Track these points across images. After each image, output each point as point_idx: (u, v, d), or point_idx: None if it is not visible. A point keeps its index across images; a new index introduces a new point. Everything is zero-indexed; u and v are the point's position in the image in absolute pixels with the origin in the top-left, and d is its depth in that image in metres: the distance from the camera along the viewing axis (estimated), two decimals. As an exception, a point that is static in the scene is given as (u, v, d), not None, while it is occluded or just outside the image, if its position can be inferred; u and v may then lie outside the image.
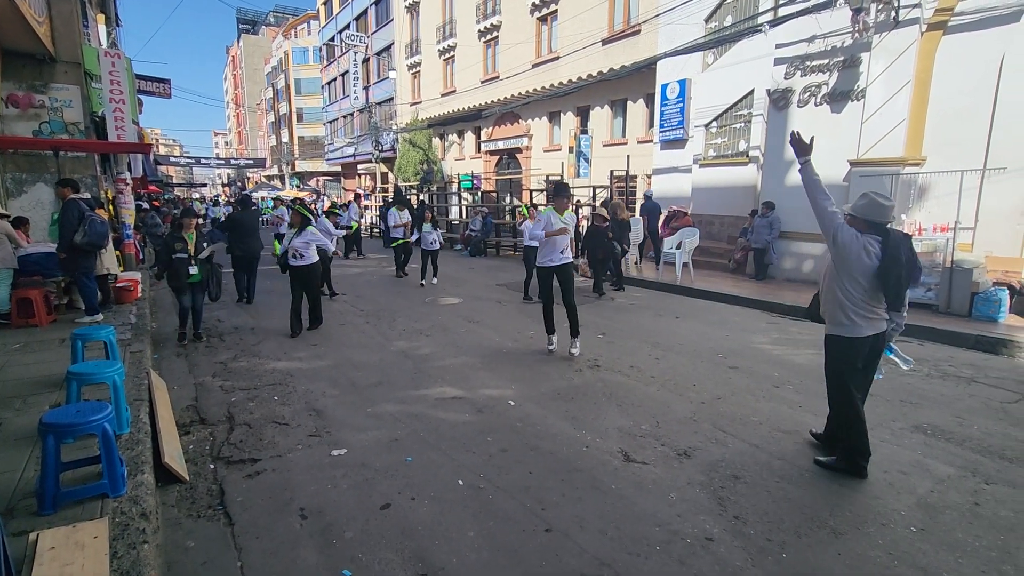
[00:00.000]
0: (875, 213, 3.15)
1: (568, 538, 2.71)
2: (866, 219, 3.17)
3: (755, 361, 5.66)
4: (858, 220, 3.20)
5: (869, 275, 3.10)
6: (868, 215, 3.16)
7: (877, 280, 3.10)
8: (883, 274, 3.07)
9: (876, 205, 3.16)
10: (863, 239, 3.13)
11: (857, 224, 3.20)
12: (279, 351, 5.96)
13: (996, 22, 7.52)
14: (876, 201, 3.17)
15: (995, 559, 2.58)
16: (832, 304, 3.27)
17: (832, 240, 3.18)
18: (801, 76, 9.78)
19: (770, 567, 2.50)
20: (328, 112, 38.86)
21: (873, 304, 3.18)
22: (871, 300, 3.17)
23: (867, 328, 3.20)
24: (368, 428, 4.00)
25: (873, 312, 3.19)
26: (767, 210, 10.04)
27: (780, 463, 3.49)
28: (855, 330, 3.20)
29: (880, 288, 3.12)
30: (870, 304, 3.17)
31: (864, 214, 3.17)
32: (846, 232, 3.15)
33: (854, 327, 3.20)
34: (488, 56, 21.36)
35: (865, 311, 3.17)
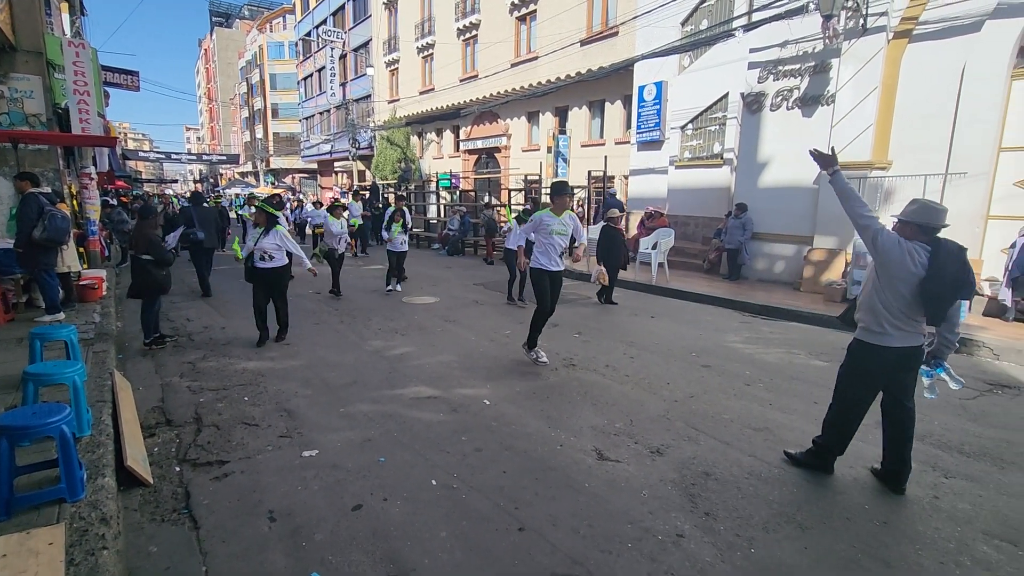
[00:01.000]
0: (927, 216, 2.96)
1: (541, 537, 2.71)
2: (918, 223, 2.97)
3: (727, 360, 5.75)
4: (909, 225, 3.00)
5: (912, 284, 2.91)
6: (919, 219, 2.97)
7: (919, 291, 2.90)
8: (925, 285, 2.87)
9: (927, 208, 2.99)
10: (907, 245, 2.94)
11: (907, 230, 3.01)
12: (250, 350, 5.84)
13: (958, 31, 7.79)
14: (927, 205, 3.01)
15: (952, 550, 2.67)
16: (867, 310, 3.11)
17: (872, 244, 3.03)
18: (774, 80, 9.97)
19: (738, 562, 2.54)
20: (304, 108, 38.26)
21: (911, 315, 2.98)
22: (910, 311, 2.97)
23: (898, 339, 3.01)
24: (341, 428, 3.95)
25: (910, 324, 3.00)
26: (740, 212, 10.22)
27: (750, 460, 3.55)
28: (884, 339, 3.03)
29: (920, 300, 2.92)
30: (908, 315, 2.98)
31: (915, 218, 2.98)
32: (886, 236, 2.99)
33: (883, 336, 3.03)
34: (467, 55, 21.29)
35: (901, 321, 2.99)
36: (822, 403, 4.53)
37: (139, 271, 5.72)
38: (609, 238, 8.59)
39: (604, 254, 8.59)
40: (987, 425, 4.19)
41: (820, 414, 4.31)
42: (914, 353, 3.06)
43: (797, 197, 9.72)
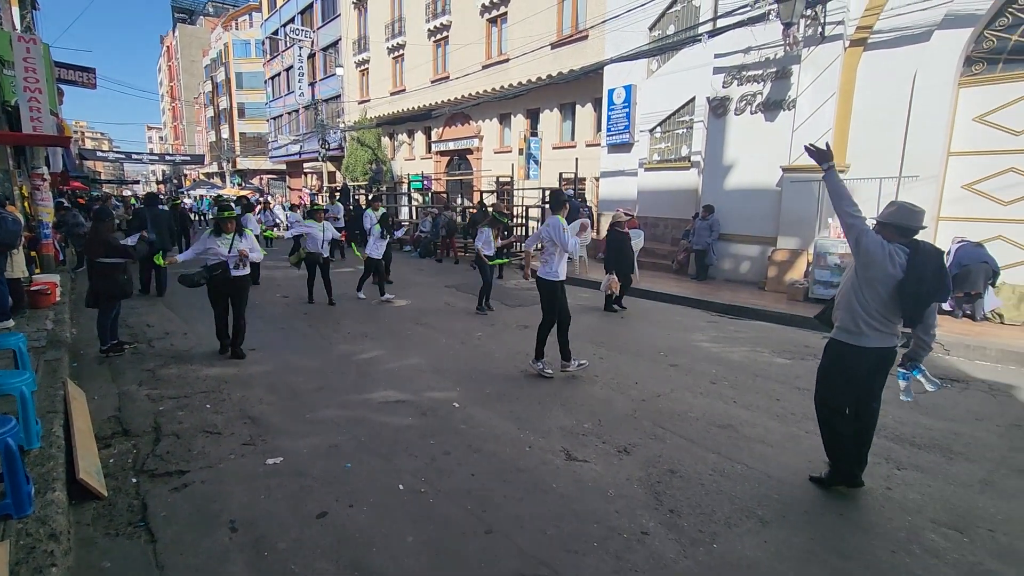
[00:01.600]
0: (905, 218, 2.98)
1: (508, 539, 2.71)
2: (896, 224, 2.99)
3: (694, 359, 5.86)
4: (888, 227, 3.02)
5: (890, 285, 2.93)
6: (898, 220, 2.99)
7: (897, 292, 2.92)
8: (902, 287, 2.89)
9: (906, 210, 3.00)
10: (889, 247, 2.95)
11: (887, 232, 3.02)
12: (213, 356, 5.68)
13: (909, 41, 8.12)
14: (905, 207, 3.03)
15: (903, 539, 2.78)
16: (846, 309, 3.11)
17: (856, 244, 3.02)
18: (738, 85, 10.22)
19: (701, 558, 2.59)
20: (272, 108, 37.51)
21: (888, 316, 3.00)
22: (887, 312, 2.99)
23: (874, 339, 3.02)
24: (306, 435, 3.88)
25: (887, 325, 3.01)
26: (707, 213, 10.43)
27: (714, 457, 3.62)
28: (861, 339, 3.04)
29: (898, 301, 2.94)
30: (885, 316, 3.00)
31: (894, 220, 3.00)
32: (871, 237, 2.98)
33: (860, 336, 3.03)
34: (438, 56, 21.20)
35: (878, 322, 3.00)
36: (784, 400, 4.69)
37: (96, 276, 5.51)
38: (618, 243, 8.06)
39: (613, 261, 8.07)
40: (937, 418, 4.37)
41: (782, 410, 4.46)
42: (889, 355, 3.08)
43: (761, 199, 9.97)
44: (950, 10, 7.66)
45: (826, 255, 8.33)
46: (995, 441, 3.96)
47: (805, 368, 5.60)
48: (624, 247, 8.10)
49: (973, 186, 8.07)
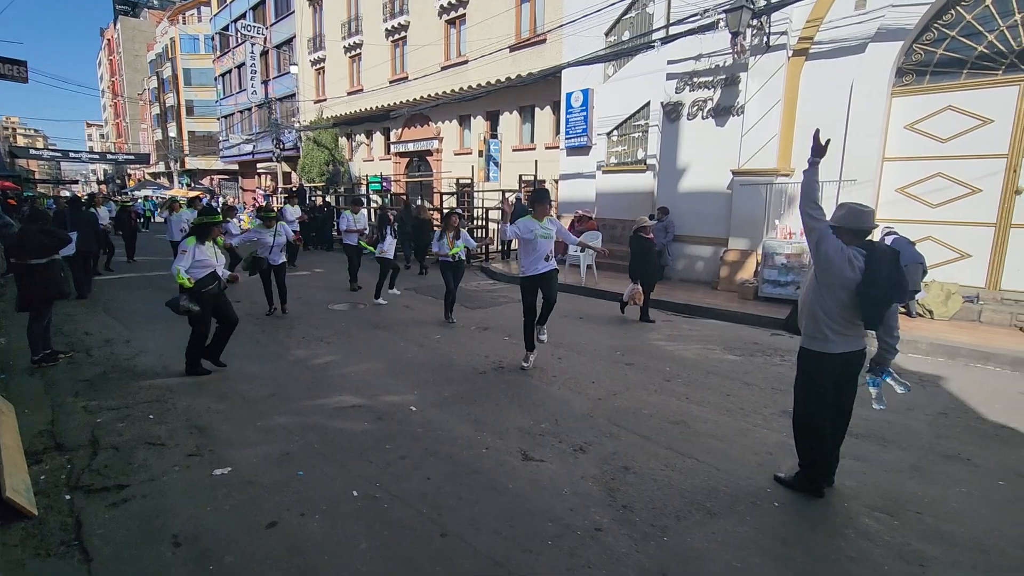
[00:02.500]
0: (855, 220, 2.99)
1: (463, 541, 2.71)
2: (848, 228, 2.99)
3: (649, 357, 6.00)
4: (842, 231, 3.01)
5: (851, 289, 2.92)
6: (849, 223, 3.00)
7: (856, 295, 2.93)
8: (861, 290, 2.90)
9: (854, 212, 3.01)
10: (848, 251, 2.94)
11: (842, 236, 3.01)
12: (157, 365, 5.44)
13: (846, 52, 8.57)
14: (854, 208, 3.04)
15: (840, 524, 2.93)
16: (809, 316, 3.10)
17: (815, 248, 3.01)
18: (690, 91, 10.53)
19: (652, 551, 2.66)
20: (223, 106, 36.21)
21: (852, 320, 3.00)
22: (850, 316, 2.99)
23: (841, 344, 3.02)
24: (257, 443, 3.77)
25: (851, 328, 3.02)
26: (662, 215, 10.70)
27: (667, 452, 3.72)
28: (828, 345, 3.02)
29: (858, 304, 2.94)
30: (849, 320, 2.99)
31: (845, 223, 3.01)
32: (831, 242, 2.97)
33: (827, 342, 3.02)
34: (396, 56, 20.97)
35: (842, 327, 3.00)
36: (734, 395, 4.86)
37: (25, 279, 5.20)
38: (642, 250, 7.62)
39: (638, 268, 7.67)
40: (874, 409, 4.61)
41: (731, 405, 4.62)
42: (857, 358, 3.09)
43: (713, 201, 10.30)
44: (882, 24, 8.13)
45: (773, 255, 8.68)
46: (924, 429, 4.22)
47: (754, 364, 5.82)
48: (649, 255, 7.67)
49: (905, 190, 8.58)
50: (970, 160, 7.94)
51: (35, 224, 5.38)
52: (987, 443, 4.00)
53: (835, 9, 8.60)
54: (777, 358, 6.07)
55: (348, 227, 10.13)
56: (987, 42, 7.67)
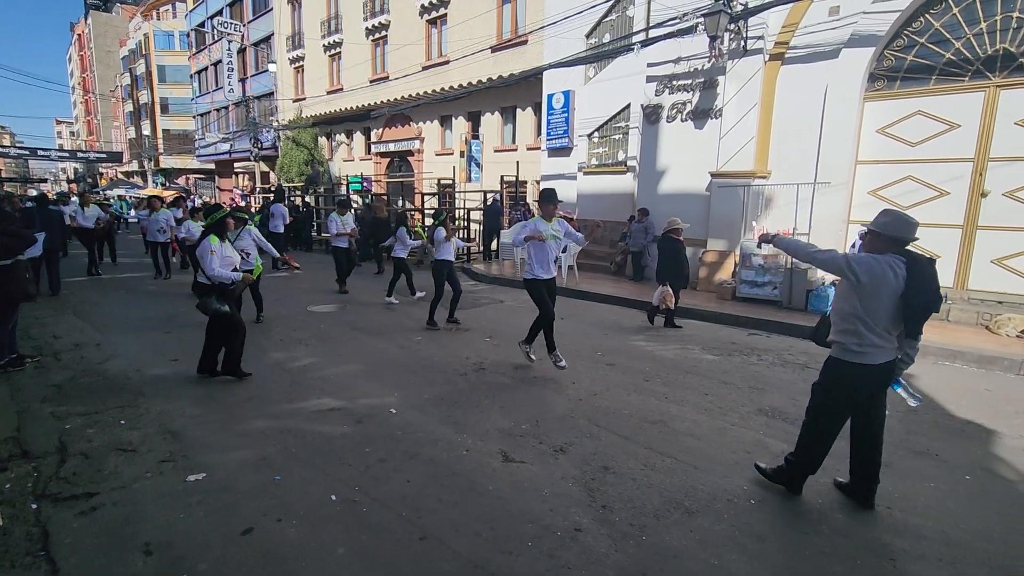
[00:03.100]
0: (899, 229, 2.86)
1: (443, 544, 2.70)
2: (891, 236, 2.87)
3: (629, 357, 6.05)
4: (882, 238, 2.91)
5: (894, 298, 2.81)
6: (893, 231, 2.87)
7: (901, 303, 2.82)
8: (909, 299, 2.80)
9: (900, 221, 2.88)
10: (885, 259, 2.83)
11: (879, 242, 2.92)
12: (130, 369, 5.31)
13: (821, 57, 8.75)
14: (900, 217, 2.90)
15: (815, 520, 2.98)
16: (848, 330, 2.95)
17: (847, 270, 2.88)
18: (669, 94, 10.66)
19: (631, 550, 2.68)
20: (199, 104, 35.55)
21: (892, 330, 2.90)
22: (891, 326, 2.88)
23: (882, 355, 2.90)
24: (233, 448, 3.70)
25: (889, 340, 2.91)
26: (642, 216, 10.81)
27: (646, 452, 3.75)
28: (866, 357, 2.89)
29: (902, 313, 2.84)
30: (889, 331, 2.89)
31: (888, 230, 2.88)
32: (859, 259, 2.86)
33: (865, 355, 2.89)
34: (377, 55, 20.82)
35: (882, 338, 2.88)
36: (712, 394, 4.92)
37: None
38: (673, 252, 7.30)
39: (668, 271, 7.33)
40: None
41: (710, 405, 4.67)
42: (891, 367, 2.99)
43: (692, 202, 10.43)
44: (855, 30, 8.33)
45: (751, 256, 8.82)
46: (895, 426, 4.32)
47: (732, 364, 5.91)
48: (680, 257, 7.37)
49: (877, 192, 8.80)
50: (938, 163, 8.18)
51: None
52: (954, 439, 4.12)
53: (810, 15, 8.78)
54: (754, 357, 6.17)
55: (337, 230, 9.81)
56: (954, 49, 7.91)
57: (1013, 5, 7.40)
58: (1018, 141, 7.56)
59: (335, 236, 9.84)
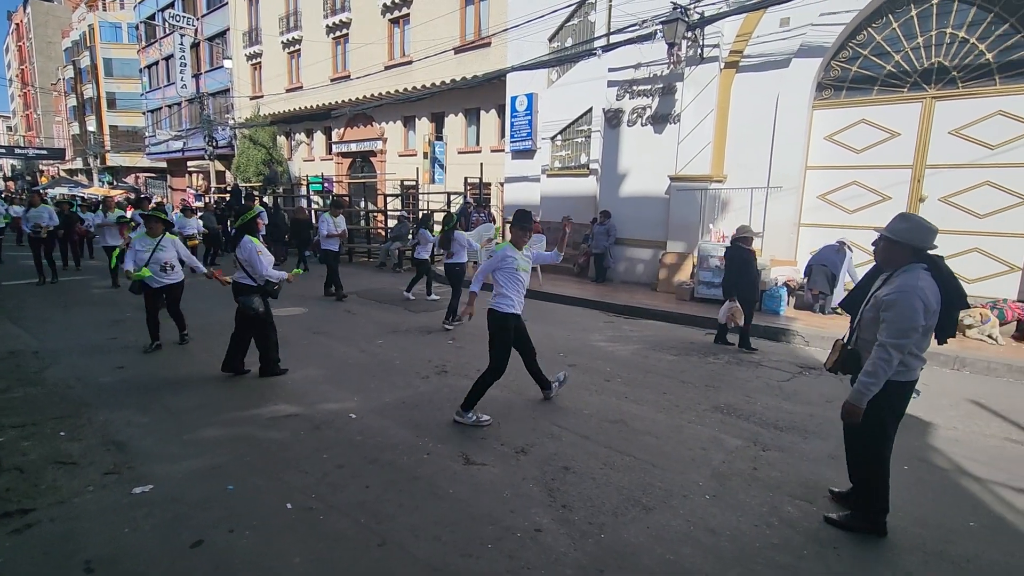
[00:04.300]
0: (922, 238, 2.68)
1: (402, 549, 2.67)
2: (913, 245, 2.68)
3: (591, 358, 6.13)
4: (899, 246, 2.71)
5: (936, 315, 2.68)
6: (915, 240, 2.68)
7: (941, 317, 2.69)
8: (950, 307, 2.68)
9: (923, 229, 2.69)
10: (923, 289, 2.60)
11: (897, 250, 2.73)
12: (71, 377, 5.04)
13: (773, 65, 9.09)
14: (922, 225, 2.71)
15: (766, 513, 3.09)
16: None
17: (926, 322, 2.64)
18: (630, 98, 10.86)
19: (589, 548, 2.71)
20: (149, 100, 34.08)
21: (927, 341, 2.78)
22: (927, 337, 2.76)
23: (920, 367, 2.79)
24: (183, 457, 3.56)
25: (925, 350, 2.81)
26: (604, 218, 10.97)
27: (606, 451, 3.81)
28: (911, 373, 2.76)
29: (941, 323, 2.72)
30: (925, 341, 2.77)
31: (908, 239, 2.68)
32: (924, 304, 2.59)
33: (911, 371, 2.75)
34: (338, 54, 20.44)
35: (921, 350, 2.76)
36: (670, 393, 5.04)
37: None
38: (743, 263, 6.46)
39: (737, 285, 6.49)
40: (797, 402, 4.91)
41: (668, 403, 4.77)
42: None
43: (652, 205, 10.66)
44: (804, 41, 8.68)
45: (708, 258, 9.07)
46: (839, 420, 4.52)
47: (689, 363, 6.06)
48: (750, 268, 6.52)
49: (826, 196, 9.19)
50: (881, 170, 8.61)
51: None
52: (895, 431, 4.34)
53: (762, 25, 9.10)
54: (711, 357, 6.35)
55: (329, 232, 9.11)
56: (895, 62, 8.35)
57: (947, 22, 7.88)
58: (952, 150, 8.04)
59: (326, 239, 9.20)
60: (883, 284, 2.82)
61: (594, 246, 11.14)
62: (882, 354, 2.63)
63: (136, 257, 5.74)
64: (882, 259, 2.86)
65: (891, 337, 2.62)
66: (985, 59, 7.68)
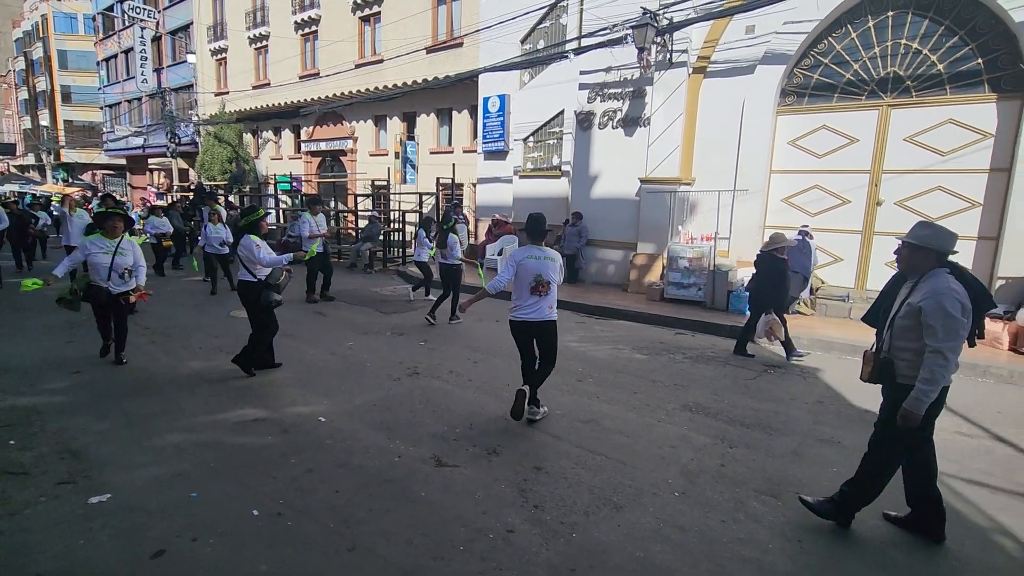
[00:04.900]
0: (944, 243, 2.74)
1: (373, 553, 2.64)
2: (938, 250, 2.73)
3: (563, 358, 6.09)
4: (923, 251, 2.76)
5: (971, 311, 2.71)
6: (937, 245, 2.73)
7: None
8: (979, 309, 2.75)
9: (944, 235, 2.75)
10: (959, 298, 2.63)
11: (920, 255, 2.77)
12: (22, 383, 4.82)
13: (739, 72, 9.32)
14: (942, 231, 2.77)
15: (732, 509, 3.17)
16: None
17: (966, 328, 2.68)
18: (601, 101, 10.98)
19: (561, 548, 2.73)
20: (107, 94, 32.81)
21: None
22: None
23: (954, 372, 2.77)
24: (144, 465, 3.44)
25: None
26: (576, 220, 11.06)
27: (577, 451, 3.84)
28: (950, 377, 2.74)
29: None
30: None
31: (933, 244, 2.73)
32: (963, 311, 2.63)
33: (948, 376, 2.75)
34: (307, 51, 20.09)
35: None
36: (641, 392, 5.11)
37: None
38: (779, 276, 6.19)
39: (769, 296, 6.20)
40: (762, 399, 5.05)
41: (638, 402, 4.84)
42: None
43: (623, 207, 10.79)
44: (769, 49, 8.94)
45: (677, 259, 9.24)
46: (804, 416, 4.67)
47: (659, 363, 6.16)
48: (786, 279, 6.28)
49: (790, 199, 9.48)
50: (841, 174, 8.93)
51: None
52: (855, 426, 4.50)
53: (729, 32, 9.33)
54: (680, 356, 6.47)
55: (311, 232, 8.61)
56: (853, 70, 8.67)
57: (901, 33, 8.22)
58: (907, 156, 8.39)
59: (309, 238, 8.63)
60: (911, 291, 2.82)
61: (566, 247, 11.19)
62: (939, 360, 2.62)
63: (92, 260, 5.17)
64: (906, 266, 2.89)
65: (945, 340, 2.61)
66: (937, 70, 8.04)
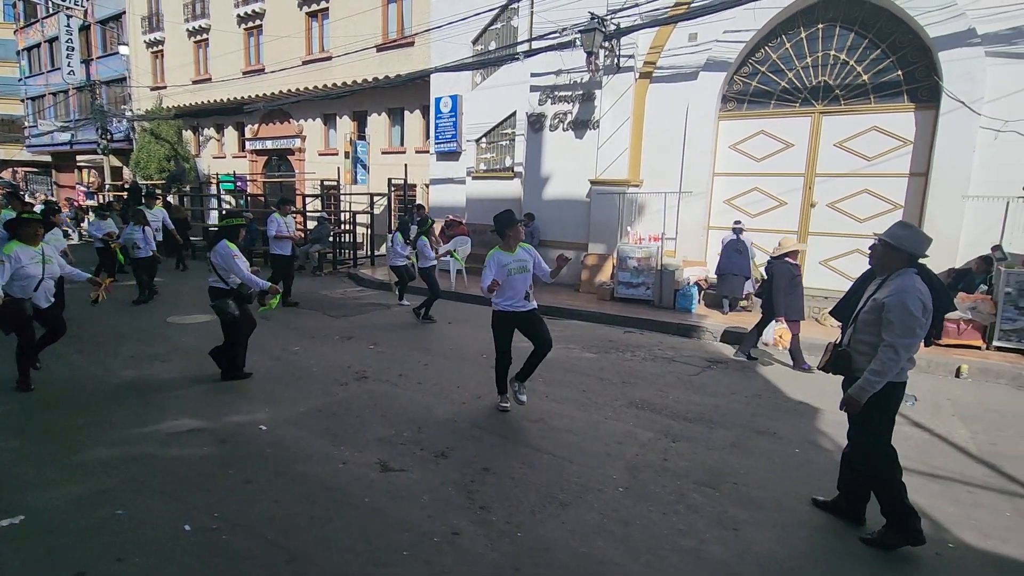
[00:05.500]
0: (918, 245, 2.79)
1: (313, 564, 2.57)
2: (908, 252, 2.79)
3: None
4: (897, 252, 2.81)
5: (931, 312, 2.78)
6: (910, 247, 2.79)
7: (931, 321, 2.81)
8: (941, 311, 2.81)
9: (919, 238, 2.82)
10: (921, 297, 2.71)
11: (892, 255, 2.83)
12: (-74, 399, 4.42)
13: (683, 77, 9.63)
14: (919, 233, 2.85)
15: (673, 501, 3.26)
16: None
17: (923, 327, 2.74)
18: (552, 104, 11.09)
19: (506, 548, 2.74)
20: (29, 86, 30.57)
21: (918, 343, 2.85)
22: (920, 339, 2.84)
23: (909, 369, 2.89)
24: (63, 483, 3.22)
25: None
26: (528, 221, 11.11)
27: (526, 450, 3.86)
28: (903, 375, 2.84)
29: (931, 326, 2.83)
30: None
31: (906, 246, 2.79)
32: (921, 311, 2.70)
33: (903, 372, 2.84)
34: (251, 45, 19.36)
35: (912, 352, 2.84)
36: (589, 390, 5.19)
37: None
38: (791, 280, 5.96)
39: (781, 302, 5.90)
40: (705, 394, 5.22)
41: (587, 401, 4.91)
42: None
43: (574, 208, 10.94)
44: (710, 56, 9.27)
45: (626, 259, 9.44)
46: (743, 409, 4.87)
47: (608, 361, 6.27)
48: (799, 286, 6.12)
49: (731, 201, 9.85)
50: (778, 177, 9.36)
51: None
52: (789, 418, 4.72)
53: (673, 39, 9.62)
54: (628, 354, 6.61)
55: (279, 232, 8.11)
56: (788, 79, 9.10)
57: (830, 44, 8.70)
58: (837, 160, 8.88)
59: (275, 240, 8.16)
60: (879, 288, 2.91)
61: (519, 248, 11.26)
62: (890, 354, 2.70)
63: (24, 272, 4.49)
64: (878, 263, 2.98)
65: (899, 337, 2.69)
66: (862, 80, 8.55)
